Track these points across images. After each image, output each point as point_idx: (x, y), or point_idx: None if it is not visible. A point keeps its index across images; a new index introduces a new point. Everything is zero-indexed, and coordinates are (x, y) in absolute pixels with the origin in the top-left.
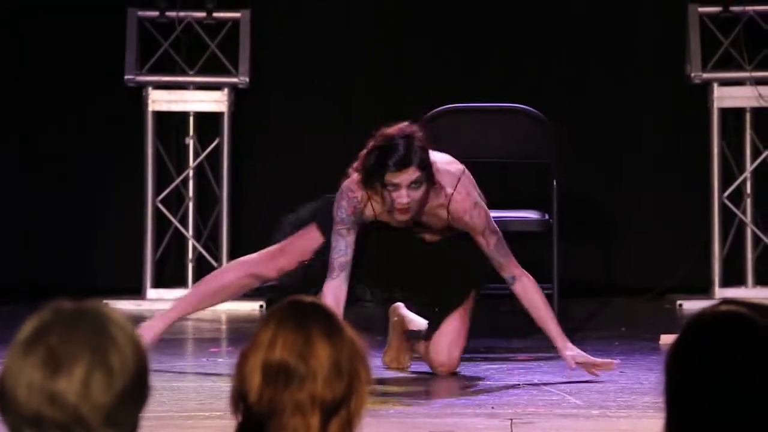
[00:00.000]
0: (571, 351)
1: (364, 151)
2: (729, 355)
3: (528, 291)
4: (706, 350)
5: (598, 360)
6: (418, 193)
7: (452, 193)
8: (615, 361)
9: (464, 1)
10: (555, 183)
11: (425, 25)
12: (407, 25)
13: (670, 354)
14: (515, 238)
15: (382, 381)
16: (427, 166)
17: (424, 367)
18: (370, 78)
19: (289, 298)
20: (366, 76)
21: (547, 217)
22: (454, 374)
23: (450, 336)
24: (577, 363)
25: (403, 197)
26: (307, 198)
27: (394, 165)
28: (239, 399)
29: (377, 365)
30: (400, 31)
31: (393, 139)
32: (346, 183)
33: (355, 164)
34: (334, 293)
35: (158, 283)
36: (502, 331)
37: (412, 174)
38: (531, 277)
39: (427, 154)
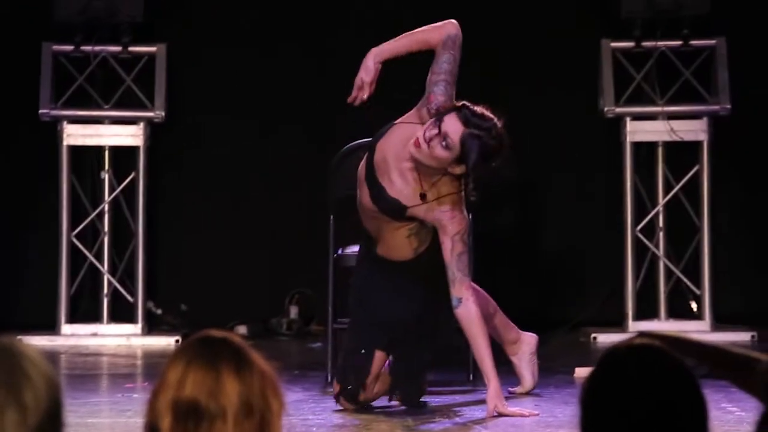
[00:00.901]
0: (495, 398)
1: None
2: (643, 388)
3: (466, 320)
4: (620, 383)
5: (516, 412)
6: (438, 156)
7: (451, 194)
8: (534, 413)
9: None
10: (470, 216)
11: (343, 57)
12: (326, 59)
13: (585, 387)
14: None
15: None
16: (467, 170)
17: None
18: (287, 112)
19: (200, 334)
20: (283, 110)
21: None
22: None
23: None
24: (498, 412)
25: (432, 137)
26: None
27: (464, 118)
28: None
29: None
30: (320, 64)
31: (491, 125)
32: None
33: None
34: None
35: (73, 319)
36: None
37: (453, 146)
38: (475, 307)
39: (476, 171)
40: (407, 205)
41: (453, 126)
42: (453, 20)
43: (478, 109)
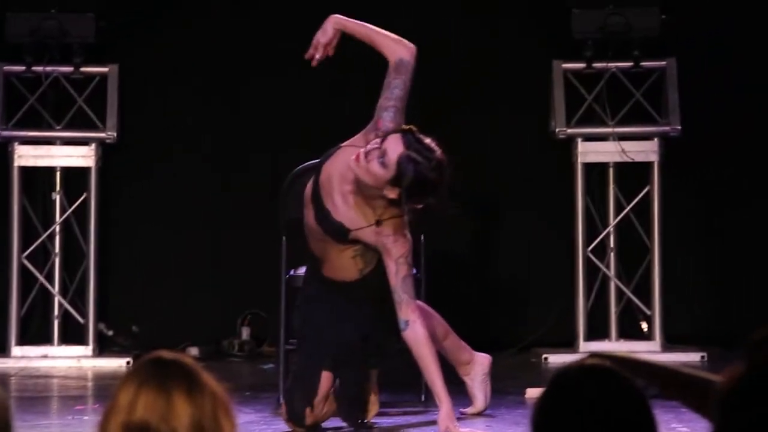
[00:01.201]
0: (446, 420)
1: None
2: (594, 408)
3: (414, 342)
4: (572, 404)
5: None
6: (373, 173)
7: (393, 212)
8: None
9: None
10: (423, 238)
11: (284, 79)
12: (276, 84)
13: (536, 408)
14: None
15: None
16: (400, 195)
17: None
18: (237, 135)
19: (151, 355)
20: (234, 133)
21: (415, 271)
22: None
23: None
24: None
25: (371, 150)
26: (170, 259)
27: (407, 142)
28: None
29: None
30: (270, 89)
31: (431, 155)
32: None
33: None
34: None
35: (23, 341)
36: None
37: (389, 164)
38: (422, 329)
39: (408, 199)
40: (350, 228)
41: (394, 145)
42: (413, 45)
43: (425, 138)
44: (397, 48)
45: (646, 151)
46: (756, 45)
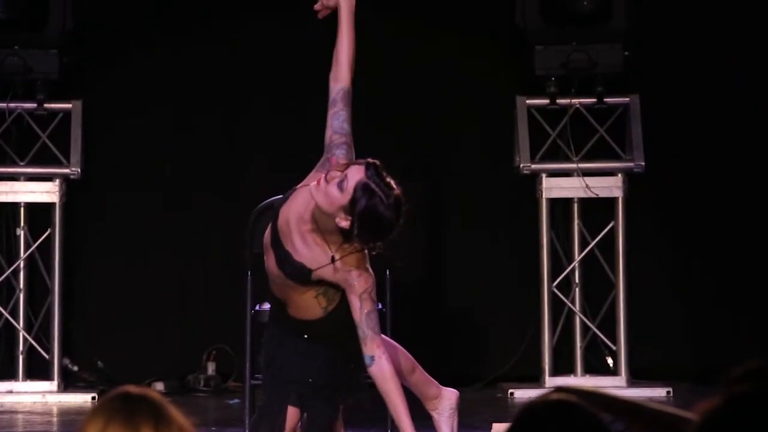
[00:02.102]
0: None
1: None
2: None
3: (380, 377)
4: None
5: None
6: (329, 196)
7: (354, 247)
8: None
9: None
10: (388, 273)
11: (255, 116)
12: (234, 123)
13: None
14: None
15: None
16: (350, 228)
17: None
18: (199, 170)
19: (118, 390)
20: (196, 168)
21: (380, 306)
22: None
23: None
24: None
25: (332, 174)
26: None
27: (368, 173)
28: None
29: None
30: (229, 127)
31: (388, 191)
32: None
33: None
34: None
35: None
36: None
37: (347, 190)
38: (388, 364)
39: (360, 230)
40: (311, 268)
41: (355, 173)
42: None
43: (387, 175)
44: (350, 74)
45: (610, 187)
46: (719, 81)
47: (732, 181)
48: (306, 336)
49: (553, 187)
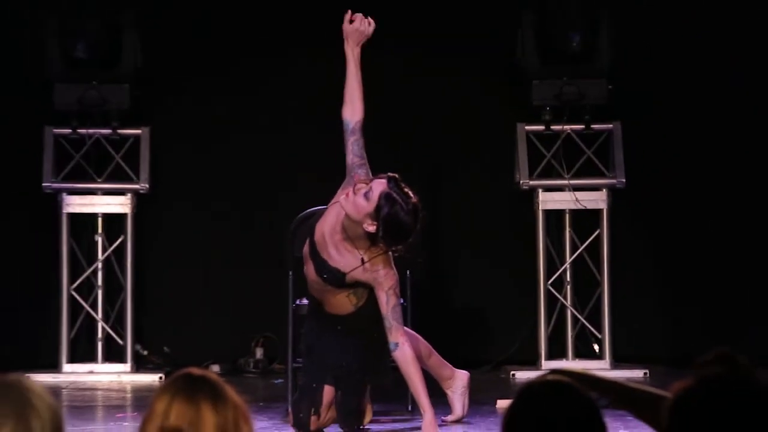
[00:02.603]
0: (429, 427)
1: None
2: (555, 416)
3: (403, 361)
4: (536, 412)
5: None
6: (358, 207)
7: (380, 249)
8: None
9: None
10: (408, 273)
11: (293, 138)
12: (287, 145)
13: (506, 416)
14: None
15: None
16: (375, 232)
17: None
18: (251, 184)
19: (182, 371)
20: (248, 183)
21: (402, 301)
22: None
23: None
24: None
25: (359, 186)
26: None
27: (391, 184)
28: None
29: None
30: (281, 150)
31: (407, 200)
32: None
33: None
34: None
35: (72, 359)
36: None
37: (372, 199)
38: (410, 349)
39: (385, 233)
40: (345, 271)
41: (378, 185)
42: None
43: (406, 186)
44: (363, 107)
45: (596, 200)
46: (690, 110)
47: (699, 193)
48: (339, 328)
49: (548, 200)
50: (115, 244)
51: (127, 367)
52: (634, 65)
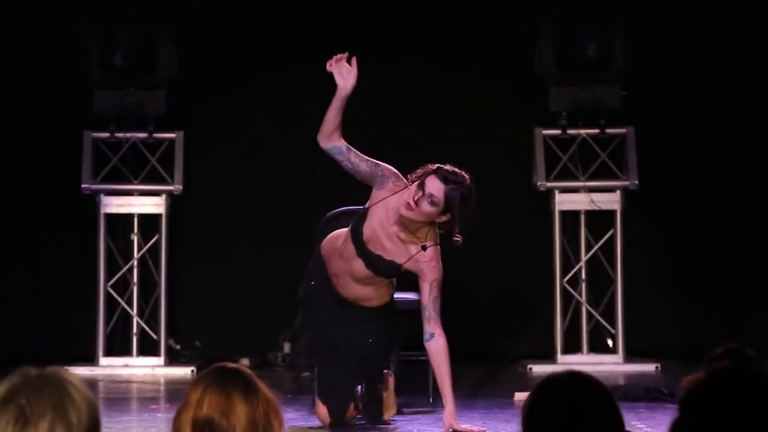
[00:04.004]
0: (450, 417)
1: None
2: (573, 408)
3: (436, 351)
4: (555, 404)
5: (468, 428)
6: (427, 212)
7: (433, 244)
8: (482, 429)
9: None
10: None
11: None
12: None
13: (526, 407)
14: (401, 314)
15: None
16: (451, 219)
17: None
18: (277, 188)
19: (216, 364)
20: (274, 185)
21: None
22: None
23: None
24: (453, 429)
25: (418, 198)
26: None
27: (443, 178)
28: None
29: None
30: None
31: (463, 179)
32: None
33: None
34: None
35: (108, 353)
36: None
37: (439, 202)
38: (444, 341)
39: (461, 216)
40: (401, 262)
41: (436, 186)
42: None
43: (450, 167)
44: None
45: (610, 201)
46: (700, 116)
47: (710, 194)
48: (365, 320)
49: (564, 201)
50: (150, 243)
51: (160, 360)
52: (648, 72)
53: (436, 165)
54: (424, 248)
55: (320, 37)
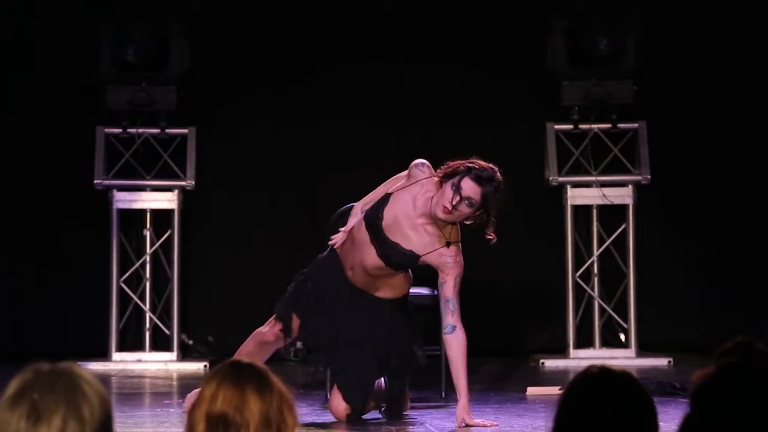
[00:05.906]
0: (463, 412)
1: (461, 161)
2: (607, 403)
3: (456, 344)
4: (589, 399)
5: (480, 423)
6: (464, 214)
7: (457, 241)
8: (495, 424)
9: (376, 119)
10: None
11: (336, 135)
12: (326, 146)
13: (560, 402)
14: (413, 308)
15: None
16: (486, 216)
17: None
18: (288, 183)
19: (230, 360)
20: (286, 181)
21: (435, 292)
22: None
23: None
24: (465, 424)
25: (456, 203)
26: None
27: (477, 178)
28: None
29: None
30: (320, 148)
31: (493, 173)
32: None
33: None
34: None
35: (121, 348)
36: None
37: (477, 203)
38: (464, 335)
39: (492, 212)
40: (420, 253)
41: (472, 189)
42: None
43: (479, 164)
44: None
45: (622, 196)
46: (712, 110)
47: (722, 188)
48: (392, 313)
49: (576, 196)
50: (163, 239)
51: (173, 355)
52: (659, 67)
53: (466, 163)
54: (448, 245)
55: (335, 33)
